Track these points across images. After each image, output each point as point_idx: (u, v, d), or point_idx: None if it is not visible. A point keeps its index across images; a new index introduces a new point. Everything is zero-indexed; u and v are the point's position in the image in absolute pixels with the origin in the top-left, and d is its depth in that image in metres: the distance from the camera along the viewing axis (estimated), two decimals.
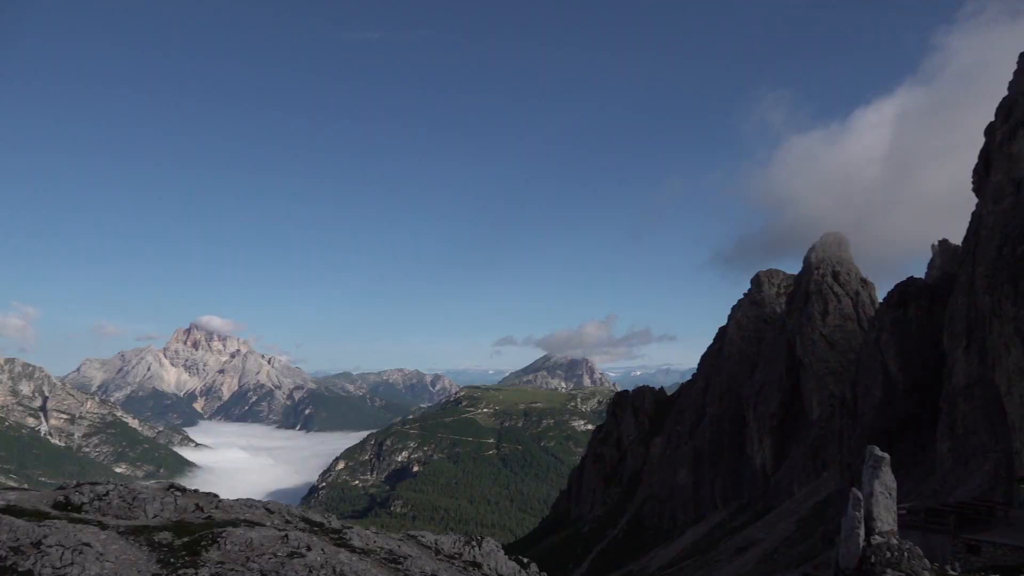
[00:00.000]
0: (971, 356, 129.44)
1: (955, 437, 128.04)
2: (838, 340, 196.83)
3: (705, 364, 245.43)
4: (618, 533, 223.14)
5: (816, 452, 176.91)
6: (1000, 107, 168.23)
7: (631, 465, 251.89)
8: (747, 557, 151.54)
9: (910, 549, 13.14)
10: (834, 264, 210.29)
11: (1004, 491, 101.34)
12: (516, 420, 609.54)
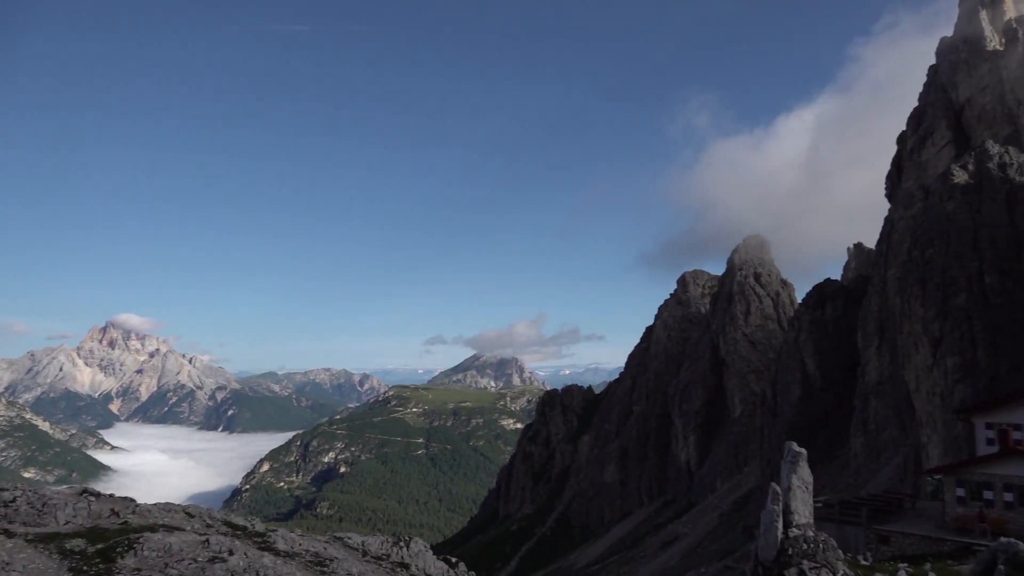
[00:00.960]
0: (883, 355, 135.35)
1: (867, 433, 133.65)
2: (759, 339, 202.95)
3: (632, 363, 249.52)
4: (546, 531, 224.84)
5: (738, 448, 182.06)
6: (911, 117, 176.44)
7: (560, 463, 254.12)
8: (672, 552, 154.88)
9: (825, 540, 13.65)
10: (756, 266, 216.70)
11: (913, 483, 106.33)
12: (445, 419, 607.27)
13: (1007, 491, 38.85)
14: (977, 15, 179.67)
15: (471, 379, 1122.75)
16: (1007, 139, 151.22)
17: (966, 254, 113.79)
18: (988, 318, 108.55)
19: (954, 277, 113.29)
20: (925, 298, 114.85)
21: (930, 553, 38.46)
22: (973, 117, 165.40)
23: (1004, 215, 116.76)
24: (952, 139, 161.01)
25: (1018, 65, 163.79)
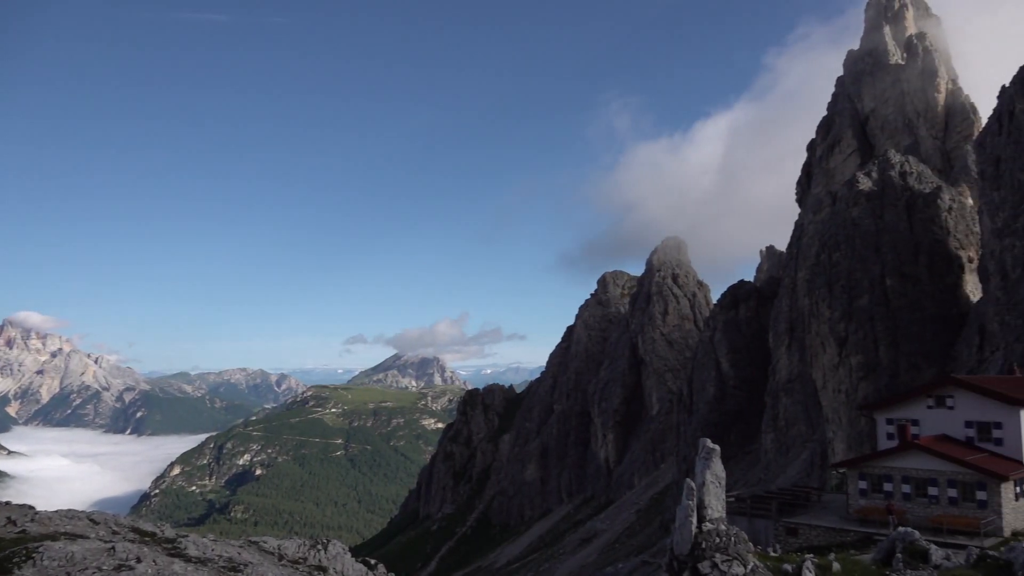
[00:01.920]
0: (792, 354, 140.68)
1: (778, 429, 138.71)
2: (676, 339, 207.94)
3: (553, 362, 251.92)
4: (467, 530, 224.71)
5: (655, 445, 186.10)
6: (820, 126, 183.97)
7: (481, 462, 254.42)
8: (591, 548, 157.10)
9: (736, 534, 14.09)
10: (674, 267, 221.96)
11: (819, 477, 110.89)
12: (365, 420, 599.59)
13: (905, 483, 40.92)
14: (880, 30, 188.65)
15: (392, 379, 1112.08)
16: (908, 149, 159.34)
17: (869, 258, 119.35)
18: (889, 319, 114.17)
19: (858, 280, 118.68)
20: (832, 300, 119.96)
21: (835, 544, 40.19)
22: (877, 127, 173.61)
23: (904, 221, 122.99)
24: (858, 148, 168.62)
25: (917, 78, 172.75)
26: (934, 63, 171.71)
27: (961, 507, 38.28)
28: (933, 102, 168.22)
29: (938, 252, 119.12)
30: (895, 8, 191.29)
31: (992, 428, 41.24)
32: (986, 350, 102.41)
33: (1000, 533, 36.86)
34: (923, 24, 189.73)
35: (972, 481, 38.11)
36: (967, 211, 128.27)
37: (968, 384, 43.18)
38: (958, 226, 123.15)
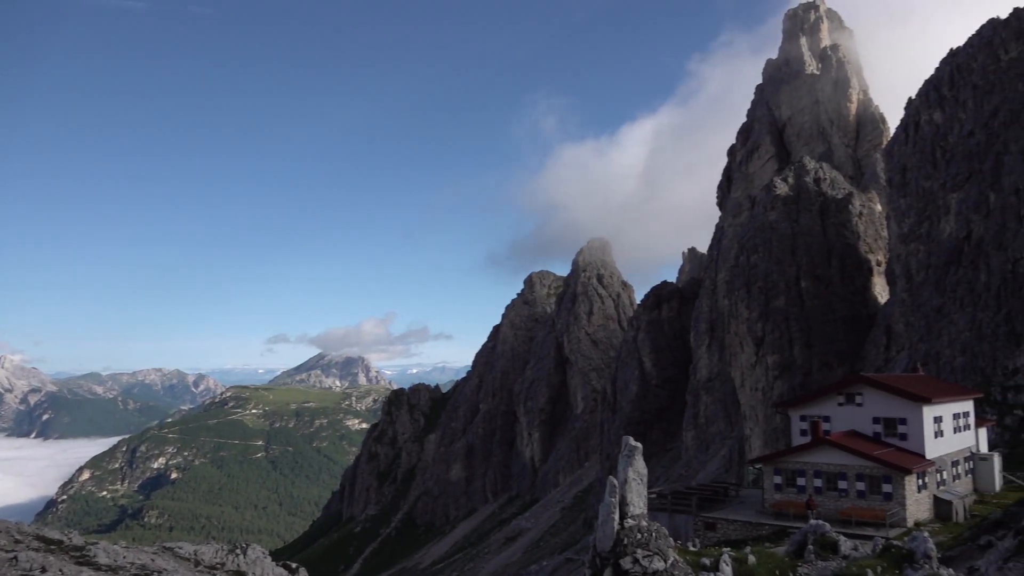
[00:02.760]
0: (712, 353, 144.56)
1: (698, 426, 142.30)
2: (601, 339, 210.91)
3: (480, 362, 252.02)
4: (391, 531, 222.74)
5: (580, 444, 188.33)
6: (740, 131, 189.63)
7: (406, 463, 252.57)
8: (515, 547, 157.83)
9: (657, 530, 14.39)
10: (599, 267, 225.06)
11: (737, 473, 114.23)
12: (287, 420, 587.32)
13: (817, 477, 42.55)
14: (797, 40, 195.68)
15: (315, 379, 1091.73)
16: (822, 156, 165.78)
17: (785, 260, 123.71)
18: (803, 319, 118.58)
19: (775, 282, 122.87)
20: (750, 300, 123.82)
21: (751, 537, 41.49)
22: (793, 134, 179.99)
23: (818, 225, 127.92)
24: (775, 153, 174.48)
25: (831, 88, 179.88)
26: (847, 74, 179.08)
27: (869, 499, 40.03)
28: (845, 111, 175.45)
29: (849, 256, 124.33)
30: (811, 20, 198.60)
31: (897, 424, 43.27)
32: (892, 350, 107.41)
33: (904, 524, 38.70)
34: (837, 36, 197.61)
35: (879, 474, 39.90)
36: (876, 217, 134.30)
37: (875, 382, 45.15)
38: (868, 231, 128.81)
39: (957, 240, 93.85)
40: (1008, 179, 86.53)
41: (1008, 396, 61.23)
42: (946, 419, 44.80)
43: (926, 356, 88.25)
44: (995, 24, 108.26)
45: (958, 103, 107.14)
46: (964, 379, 77.45)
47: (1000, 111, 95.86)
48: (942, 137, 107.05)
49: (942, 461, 43.21)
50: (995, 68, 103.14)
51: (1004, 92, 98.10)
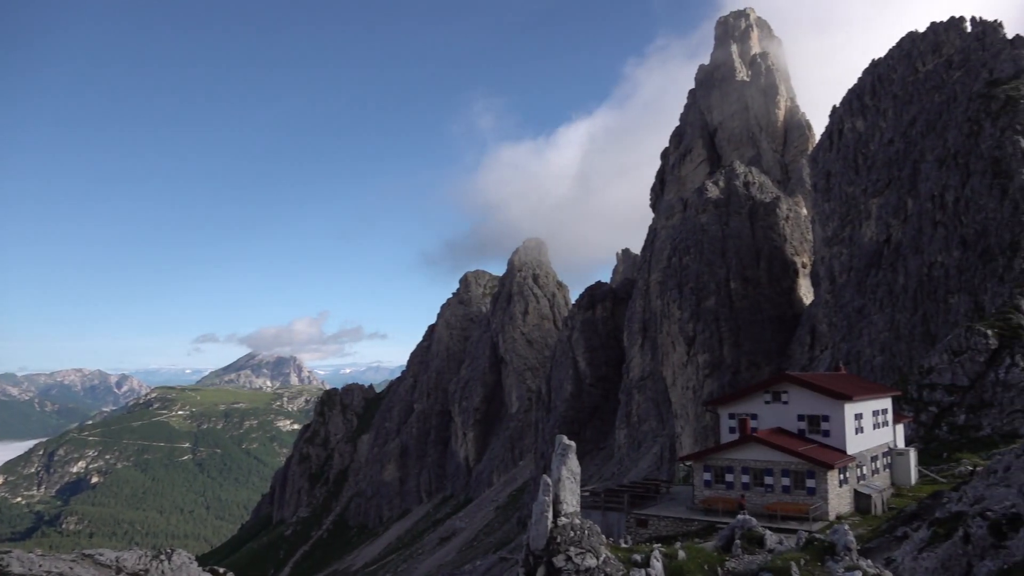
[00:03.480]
0: (645, 352, 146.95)
1: (631, 425, 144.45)
2: (536, 338, 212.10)
3: (415, 361, 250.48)
4: (323, 534, 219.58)
5: (514, 443, 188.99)
6: (673, 135, 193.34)
7: (338, 464, 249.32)
8: (449, 547, 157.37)
9: (590, 527, 14.54)
10: (534, 267, 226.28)
11: (668, 470, 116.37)
12: (216, 422, 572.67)
13: (745, 473, 43.61)
14: (728, 47, 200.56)
15: (245, 379, 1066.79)
16: (751, 160, 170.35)
17: (716, 262, 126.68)
18: (732, 320, 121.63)
19: (706, 282, 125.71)
20: (682, 301, 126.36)
21: (682, 533, 42.29)
22: (724, 139, 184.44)
23: (747, 228, 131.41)
24: (707, 157, 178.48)
25: (760, 95, 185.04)
26: (775, 81, 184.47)
27: (793, 494, 41.25)
28: (774, 118, 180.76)
29: (776, 258, 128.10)
30: (741, 27, 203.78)
31: (821, 421, 44.70)
32: (816, 349, 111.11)
33: (826, 517, 40.01)
34: (766, 44, 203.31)
35: (803, 470, 41.15)
36: (802, 220, 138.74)
37: (800, 380, 46.56)
38: (794, 234, 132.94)
39: (877, 244, 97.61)
40: (924, 186, 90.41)
41: (923, 394, 63.95)
42: (866, 416, 46.51)
43: (848, 355, 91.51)
44: (913, 37, 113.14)
45: (879, 112, 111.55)
46: (883, 377, 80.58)
47: (917, 120, 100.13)
48: (864, 144, 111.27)
49: (862, 456, 44.83)
50: (913, 79, 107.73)
51: (921, 102, 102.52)
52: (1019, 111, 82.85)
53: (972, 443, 56.09)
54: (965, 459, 51.45)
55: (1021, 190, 75.35)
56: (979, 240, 77.70)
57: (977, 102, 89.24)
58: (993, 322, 65.01)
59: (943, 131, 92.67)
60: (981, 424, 58.52)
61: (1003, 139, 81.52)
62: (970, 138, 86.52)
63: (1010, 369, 60.06)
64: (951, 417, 60.94)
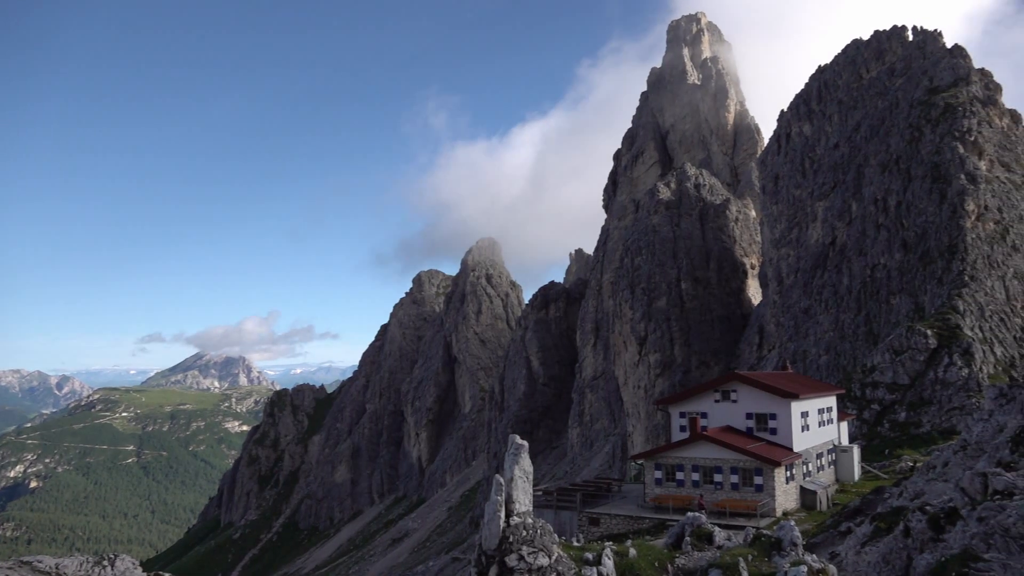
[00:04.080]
0: (597, 352, 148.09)
1: (583, 424, 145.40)
2: (489, 338, 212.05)
3: (367, 361, 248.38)
4: (273, 536, 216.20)
5: (467, 443, 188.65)
6: (626, 137, 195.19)
7: (288, 465, 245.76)
8: (401, 548, 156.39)
9: (542, 526, 14.59)
10: (488, 267, 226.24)
11: (620, 468, 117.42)
12: (161, 424, 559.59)
13: (695, 471, 44.20)
14: (680, 51, 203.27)
15: (193, 379, 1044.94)
16: (702, 163, 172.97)
17: (667, 263, 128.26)
18: (683, 320, 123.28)
19: (657, 283, 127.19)
20: (633, 301, 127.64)
21: (633, 530, 42.67)
22: (676, 141, 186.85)
23: (698, 229, 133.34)
24: (659, 159, 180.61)
25: (711, 99, 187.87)
26: (725, 85, 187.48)
27: (742, 491, 41.96)
28: (724, 121, 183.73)
29: (726, 259, 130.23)
30: (693, 32, 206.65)
31: (768, 419, 45.57)
32: (764, 348, 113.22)
33: (773, 514, 40.79)
34: (717, 48, 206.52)
35: (751, 467, 41.88)
36: (751, 222, 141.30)
37: (749, 379, 47.39)
38: (743, 235, 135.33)
39: (823, 246, 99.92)
40: (868, 190, 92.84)
41: (866, 392, 65.68)
42: (812, 414, 47.57)
43: (794, 354, 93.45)
44: (858, 44, 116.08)
45: (825, 117, 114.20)
46: (828, 376, 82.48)
47: (862, 126, 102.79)
48: (810, 148, 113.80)
49: (808, 454, 45.85)
50: (857, 85, 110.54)
51: (865, 108, 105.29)
52: (957, 118, 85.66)
53: (912, 440, 57.81)
54: (906, 455, 52.94)
55: (959, 195, 77.90)
56: (919, 243, 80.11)
57: (918, 109, 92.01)
58: (932, 322, 67.09)
59: (886, 137, 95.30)
60: (921, 421, 60.33)
61: (942, 145, 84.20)
62: (911, 144, 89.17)
63: (948, 368, 62.04)
64: (893, 414, 62.71)
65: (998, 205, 78.20)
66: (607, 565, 15.34)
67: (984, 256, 73.22)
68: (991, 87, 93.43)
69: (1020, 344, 66.51)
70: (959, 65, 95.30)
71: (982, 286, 70.58)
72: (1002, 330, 67.13)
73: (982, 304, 68.63)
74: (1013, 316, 69.15)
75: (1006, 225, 76.71)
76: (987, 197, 78.13)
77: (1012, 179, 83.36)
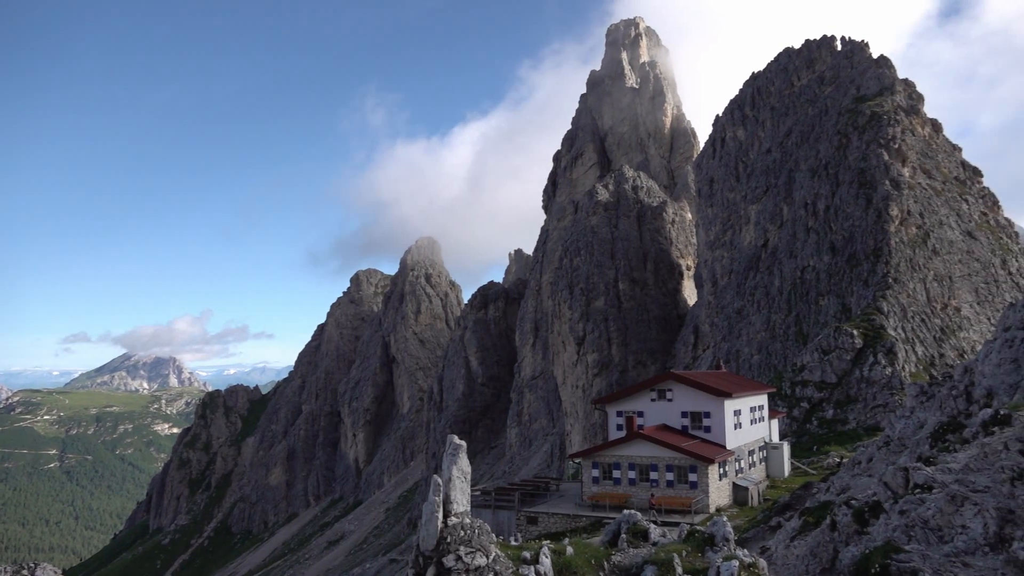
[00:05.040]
0: (536, 352, 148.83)
1: (522, 424, 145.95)
2: (428, 338, 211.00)
3: (303, 361, 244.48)
4: (204, 541, 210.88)
5: (405, 444, 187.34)
6: (565, 138, 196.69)
7: (221, 468, 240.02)
8: (338, 550, 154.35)
9: (480, 526, 14.58)
10: (427, 267, 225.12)
11: (559, 467, 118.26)
12: (86, 427, 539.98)
13: (631, 469, 44.78)
14: (619, 54, 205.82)
15: (120, 381, 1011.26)
16: (639, 165, 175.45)
17: (605, 263, 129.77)
18: (620, 320, 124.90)
19: (595, 283, 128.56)
20: (572, 301, 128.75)
21: (571, 529, 42.97)
22: (614, 143, 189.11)
23: (635, 231, 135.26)
24: (597, 161, 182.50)
25: (648, 102, 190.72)
26: (663, 89, 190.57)
27: (677, 488, 42.70)
28: (661, 125, 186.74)
29: (662, 260, 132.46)
30: (631, 36, 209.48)
31: (703, 417, 46.50)
32: (699, 348, 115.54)
33: (707, 510, 41.63)
34: (655, 53, 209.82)
35: (685, 465, 42.66)
36: (687, 224, 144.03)
37: (684, 379, 48.26)
38: (679, 237, 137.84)
39: (756, 248, 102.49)
40: (798, 194, 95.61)
41: (796, 390, 67.64)
42: (744, 412, 48.73)
43: (728, 354, 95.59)
44: (790, 53, 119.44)
45: (758, 122, 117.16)
46: (760, 375, 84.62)
47: (793, 132, 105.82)
48: (744, 153, 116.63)
49: (740, 451, 46.93)
50: (789, 92, 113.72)
51: (796, 115, 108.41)
52: (882, 126, 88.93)
53: (839, 436, 59.77)
54: (833, 451, 54.66)
55: (884, 200, 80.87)
56: (847, 246, 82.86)
57: (845, 116, 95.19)
58: (858, 323, 69.49)
59: (815, 143, 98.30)
60: (847, 418, 62.42)
61: (868, 152, 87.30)
62: (839, 150, 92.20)
63: (873, 367, 64.34)
64: (821, 412, 64.72)
65: (920, 210, 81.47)
66: (544, 564, 15.39)
67: (907, 259, 76.18)
68: (914, 97, 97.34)
69: (940, 344, 69.42)
70: (884, 75, 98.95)
71: (905, 288, 73.43)
72: (923, 330, 69.94)
73: (905, 305, 71.39)
74: (933, 317, 72.12)
75: (927, 230, 79.98)
76: (910, 203, 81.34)
77: (933, 185, 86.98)
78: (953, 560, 12.36)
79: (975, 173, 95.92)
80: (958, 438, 19.08)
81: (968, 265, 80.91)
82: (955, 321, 73.15)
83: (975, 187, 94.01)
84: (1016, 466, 14.38)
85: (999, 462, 14.94)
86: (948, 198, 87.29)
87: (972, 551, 12.57)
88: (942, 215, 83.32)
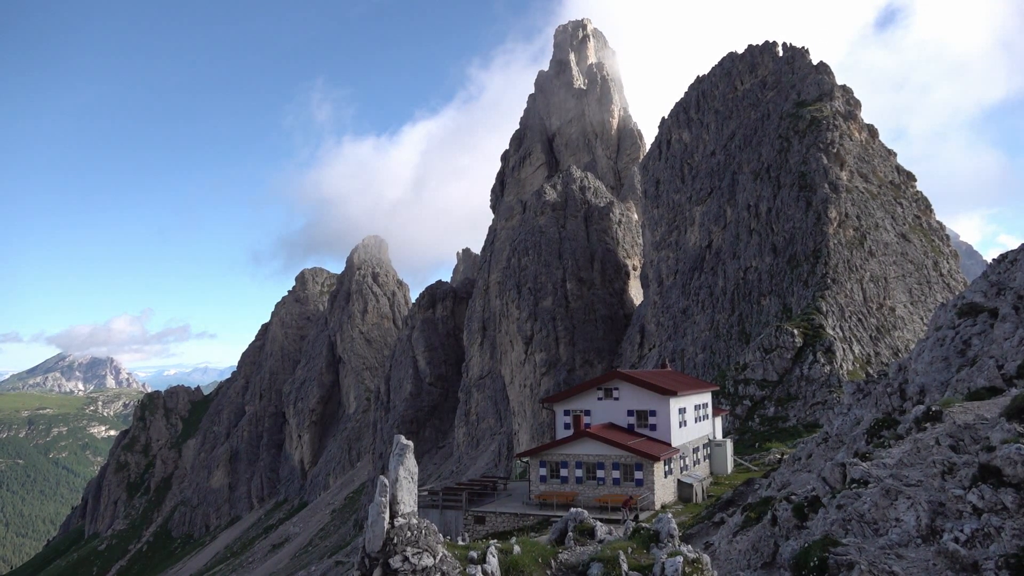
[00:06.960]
0: (484, 351, 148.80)
1: (469, 423, 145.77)
2: (375, 337, 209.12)
3: (246, 362, 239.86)
4: (143, 546, 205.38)
5: (352, 444, 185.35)
6: (513, 138, 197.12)
7: (160, 471, 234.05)
8: (282, 553, 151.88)
9: (427, 526, 14.49)
10: (374, 265, 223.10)
11: (507, 467, 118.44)
12: (18, 429, 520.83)
13: (579, 468, 45.12)
14: (567, 55, 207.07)
15: (54, 382, 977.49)
16: (587, 166, 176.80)
17: (553, 263, 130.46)
18: (568, 319, 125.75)
19: (543, 283, 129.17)
20: (520, 301, 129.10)
21: (518, 528, 43.07)
22: (562, 144, 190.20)
23: (583, 231, 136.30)
24: (545, 161, 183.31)
25: (596, 103, 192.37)
26: (610, 91, 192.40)
27: (623, 486, 43.16)
28: (608, 126, 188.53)
29: (609, 260, 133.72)
30: (579, 37, 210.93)
31: (648, 415, 47.10)
32: (645, 347, 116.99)
33: (653, 507, 42.17)
34: (602, 55, 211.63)
35: (631, 463, 43.15)
36: (633, 225, 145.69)
37: (630, 377, 48.81)
38: (626, 237, 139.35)
39: (700, 249, 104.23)
40: (741, 196, 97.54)
41: (739, 388, 69.01)
42: (689, 410, 49.51)
43: (673, 353, 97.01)
44: (733, 57, 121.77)
45: (702, 125, 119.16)
46: (704, 374, 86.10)
47: (736, 135, 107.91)
48: (689, 155, 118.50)
49: (685, 448, 47.67)
50: (733, 96, 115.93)
51: (740, 118, 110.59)
52: (822, 131, 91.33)
53: (780, 433, 61.18)
54: (774, 448, 55.92)
55: (823, 203, 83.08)
56: (787, 247, 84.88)
57: (787, 121, 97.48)
58: (799, 322, 71.24)
59: (758, 146, 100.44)
60: (788, 415, 63.93)
61: (808, 156, 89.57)
62: (781, 154, 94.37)
63: (812, 365, 66.04)
64: (762, 410, 66.16)
65: (857, 213, 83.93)
66: (492, 563, 15.38)
67: (844, 260, 78.39)
68: (852, 103, 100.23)
69: (876, 342, 71.63)
70: (824, 81, 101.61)
71: (843, 288, 75.56)
72: (860, 329, 72.07)
73: (842, 305, 73.47)
74: (869, 316, 74.38)
75: (864, 232, 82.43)
76: (847, 205, 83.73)
77: (869, 189, 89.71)
78: (888, 552, 12.75)
79: (909, 177, 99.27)
80: (892, 434, 19.69)
81: (902, 266, 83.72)
82: (890, 320, 75.57)
83: (909, 191, 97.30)
84: (946, 461, 14.91)
85: (931, 457, 15.47)
86: (884, 201, 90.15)
87: (905, 543, 12.99)
88: (878, 218, 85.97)
